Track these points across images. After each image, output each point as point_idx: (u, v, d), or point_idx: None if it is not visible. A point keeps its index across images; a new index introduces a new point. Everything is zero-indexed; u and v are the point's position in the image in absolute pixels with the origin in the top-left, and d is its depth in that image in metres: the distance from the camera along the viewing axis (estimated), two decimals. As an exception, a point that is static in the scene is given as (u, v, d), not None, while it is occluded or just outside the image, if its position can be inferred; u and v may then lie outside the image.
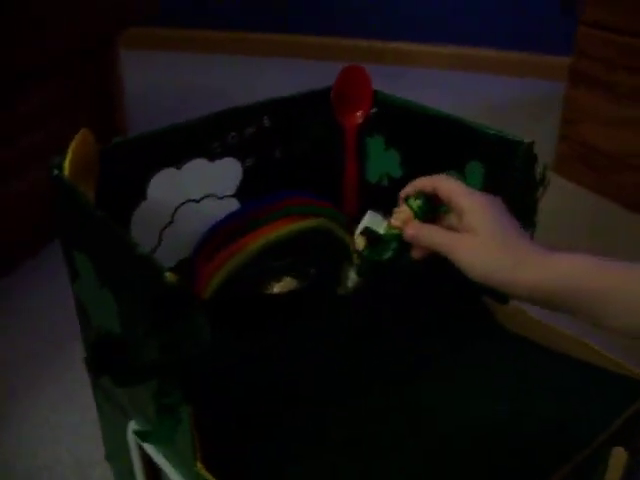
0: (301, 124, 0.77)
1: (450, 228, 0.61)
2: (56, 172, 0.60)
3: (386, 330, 0.72)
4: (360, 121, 0.82)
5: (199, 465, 0.55)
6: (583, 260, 0.54)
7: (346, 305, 0.72)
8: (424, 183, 0.63)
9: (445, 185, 0.61)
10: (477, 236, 0.57)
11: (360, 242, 0.66)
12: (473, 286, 0.76)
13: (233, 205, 0.70)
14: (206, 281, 0.64)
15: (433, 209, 0.63)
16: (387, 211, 0.66)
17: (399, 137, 0.80)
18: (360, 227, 0.66)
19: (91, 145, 0.62)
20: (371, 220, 0.66)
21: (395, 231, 0.63)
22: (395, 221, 0.64)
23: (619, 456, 0.60)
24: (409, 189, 0.64)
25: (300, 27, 2.64)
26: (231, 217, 0.67)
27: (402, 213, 0.64)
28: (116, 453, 0.77)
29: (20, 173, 1.39)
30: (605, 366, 0.69)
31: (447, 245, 0.59)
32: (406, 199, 0.64)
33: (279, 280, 0.71)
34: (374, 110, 0.82)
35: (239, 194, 0.70)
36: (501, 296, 0.75)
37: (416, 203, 0.63)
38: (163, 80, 2.37)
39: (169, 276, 0.45)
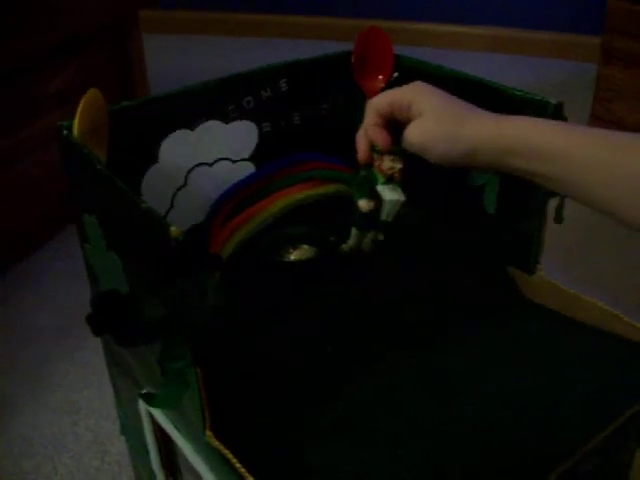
0: (320, 88, 0.74)
1: None
2: (65, 132, 0.58)
3: (406, 298, 0.69)
4: (382, 85, 0.79)
5: (208, 433, 0.53)
6: (544, 121, 0.54)
7: (364, 273, 0.69)
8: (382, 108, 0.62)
9: (397, 100, 0.61)
10: (423, 116, 0.58)
11: (364, 205, 0.64)
12: (497, 256, 0.74)
13: (248, 169, 0.67)
14: (220, 246, 0.62)
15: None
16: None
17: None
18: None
19: (101, 106, 0.60)
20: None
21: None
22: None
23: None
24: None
25: (329, 9, 2.61)
26: (247, 180, 0.65)
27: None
28: (130, 426, 0.75)
29: (38, 153, 1.39)
30: (633, 337, 0.65)
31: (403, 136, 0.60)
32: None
33: (296, 247, 0.69)
34: (396, 74, 0.79)
35: (255, 158, 0.68)
36: (527, 266, 0.72)
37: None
38: (179, 63, 2.36)
39: (174, 230, 0.43)
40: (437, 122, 0.57)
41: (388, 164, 0.64)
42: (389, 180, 0.64)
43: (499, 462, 0.53)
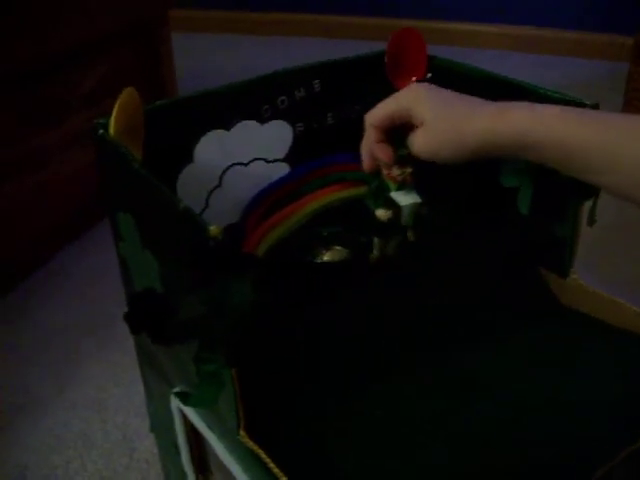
0: (353, 88, 0.74)
1: None
2: (101, 131, 0.59)
3: (438, 300, 0.68)
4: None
5: (242, 433, 0.53)
6: (541, 110, 0.53)
7: (395, 275, 0.69)
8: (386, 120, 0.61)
9: (395, 112, 0.60)
10: (425, 125, 0.58)
11: (382, 214, 0.63)
12: (531, 258, 0.73)
13: (283, 169, 0.67)
14: (254, 246, 0.62)
15: None
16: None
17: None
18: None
19: (137, 105, 0.60)
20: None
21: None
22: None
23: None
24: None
25: (353, 8, 2.62)
26: (281, 181, 0.65)
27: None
28: (161, 424, 0.76)
29: (69, 152, 1.40)
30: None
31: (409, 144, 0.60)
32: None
33: (329, 249, 0.69)
34: (429, 75, 0.78)
35: (290, 158, 0.68)
36: (561, 269, 0.71)
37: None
38: (204, 62, 2.37)
39: (213, 230, 0.43)
40: (439, 130, 0.57)
41: (397, 171, 0.64)
42: (402, 185, 0.64)
43: (520, 467, 0.53)
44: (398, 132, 0.62)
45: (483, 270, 0.73)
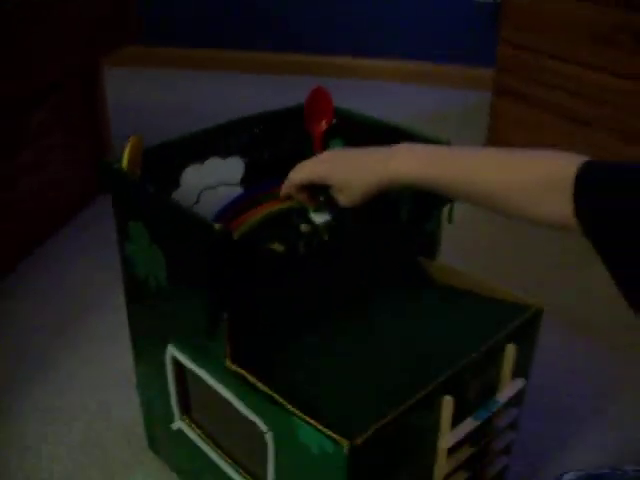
0: (283, 132, 1.04)
1: None
2: (117, 165, 0.86)
3: (351, 279, 0.98)
4: (324, 128, 1.09)
5: (229, 362, 0.81)
6: (418, 153, 0.79)
7: (325, 262, 0.98)
8: (309, 177, 0.85)
9: (314, 178, 0.84)
10: (343, 191, 0.82)
11: (305, 228, 0.91)
12: (410, 248, 1.04)
13: (239, 190, 0.96)
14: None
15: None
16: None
17: (354, 141, 1.06)
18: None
19: (140, 147, 0.88)
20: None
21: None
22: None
23: (511, 353, 0.88)
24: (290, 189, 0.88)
25: (268, 45, 2.93)
26: (239, 199, 0.93)
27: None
28: (147, 380, 1.02)
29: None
30: (506, 298, 0.96)
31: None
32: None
33: (273, 243, 0.97)
34: (335, 120, 1.09)
35: (243, 183, 0.97)
36: (432, 255, 1.03)
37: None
38: (139, 96, 2.61)
39: (218, 226, 0.72)
40: (352, 188, 0.82)
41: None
42: (317, 208, 0.92)
43: (406, 378, 0.83)
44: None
45: (379, 259, 1.03)
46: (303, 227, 0.90)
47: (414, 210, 1.00)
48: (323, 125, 1.09)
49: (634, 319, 0.66)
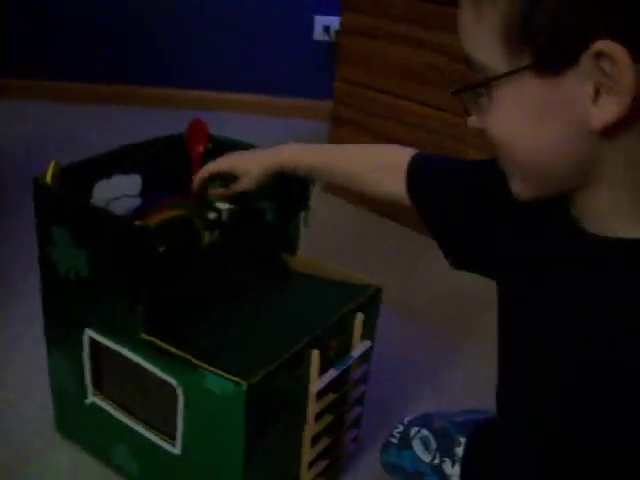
0: (171, 154, 1.26)
1: None
2: (41, 181, 1.05)
3: (231, 271, 1.22)
4: (201, 152, 1.33)
5: (144, 334, 1.02)
6: (301, 147, 1.09)
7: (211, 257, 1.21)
8: (219, 167, 1.14)
9: (222, 168, 1.13)
10: (248, 173, 1.11)
11: (211, 215, 1.15)
12: (278, 248, 1.29)
13: (138, 201, 1.17)
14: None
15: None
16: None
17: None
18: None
19: (59, 168, 1.07)
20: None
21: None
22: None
23: (359, 320, 1.15)
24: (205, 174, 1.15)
25: (136, 78, 3.12)
26: (141, 206, 1.15)
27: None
28: (60, 363, 1.19)
29: None
30: (354, 281, 1.23)
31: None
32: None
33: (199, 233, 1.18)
34: (210, 145, 1.32)
35: (142, 195, 1.18)
36: (293, 251, 1.29)
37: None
38: (28, 128, 2.73)
39: (137, 222, 0.93)
40: (252, 173, 1.10)
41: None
42: (221, 199, 1.16)
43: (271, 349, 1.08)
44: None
45: (252, 254, 1.28)
46: (210, 214, 1.13)
47: (277, 215, 1.26)
48: (200, 149, 1.32)
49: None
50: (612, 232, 0.66)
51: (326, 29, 3.04)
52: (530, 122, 0.64)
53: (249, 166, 1.11)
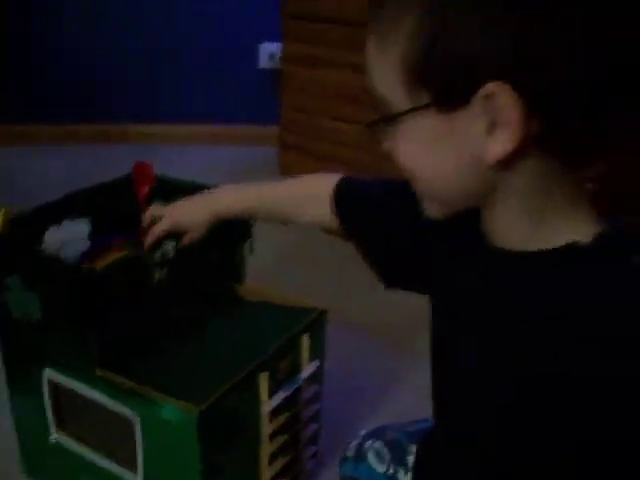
0: (118, 194, 1.32)
1: None
2: (-8, 233, 1.10)
3: (186, 303, 1.28)
4: (147, 192, 1.39)
5: (99, 370, 1.07)
6: (237, 191, 1.12)
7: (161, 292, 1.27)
8: (163, 228, 1.15)
9: (169, 228, 1.15)
10: (191, 232, 1.15)
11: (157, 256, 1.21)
12: (225, 279, 1.36)
13: (88, 244, 1.23)
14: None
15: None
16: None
17: (172, 200, 1.37)
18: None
19: (9, 216, 1.13)
20: None
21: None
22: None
23: (306, 342, 1.21)
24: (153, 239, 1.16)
25: (70, 116, 3.16)
26: (88, 250, 1.21)
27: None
28: (22, 403, 1.24)
29: None
30: (299, 305, 1.30)
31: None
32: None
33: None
34: (155, 184, 1.39)
35: (91, 237, 1.24)
36: (239, 280, 1.36)
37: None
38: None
39: (85, 267, 0.99)
40: (198, 228, 1.13)
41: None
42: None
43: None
44: None
45: (202, 286, 1.34)
46: (157, 252, 1.18)
47: (222, 249, 1.32)
48: (146, 190, 1.38)
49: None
50: (510, 246, 0.72)
51: (272, 56, 3.12)
52: (432, 153, 0.69)
53: (192, 221, 1.15)
